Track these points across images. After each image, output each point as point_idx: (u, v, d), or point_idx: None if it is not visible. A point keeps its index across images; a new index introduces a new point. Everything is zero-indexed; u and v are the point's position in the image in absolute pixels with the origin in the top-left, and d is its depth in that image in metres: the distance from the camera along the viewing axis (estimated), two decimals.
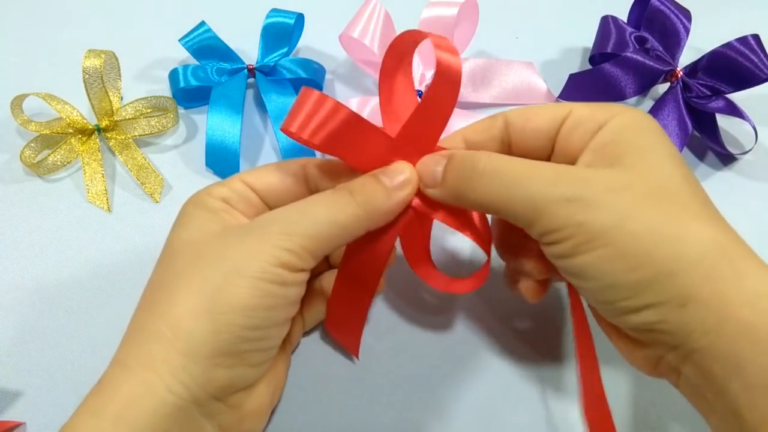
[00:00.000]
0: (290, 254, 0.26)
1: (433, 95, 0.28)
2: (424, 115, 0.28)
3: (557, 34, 0.51)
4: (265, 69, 0.44)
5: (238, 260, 0.25)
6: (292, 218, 0.26)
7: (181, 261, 0.26)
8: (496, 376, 0.34)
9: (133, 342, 0.25)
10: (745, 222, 0.41)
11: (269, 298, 0.26)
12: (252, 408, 0.28)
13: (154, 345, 0.24)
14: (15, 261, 0.37)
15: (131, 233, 0.39)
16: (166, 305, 0.25)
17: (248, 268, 0.25)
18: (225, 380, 0.25)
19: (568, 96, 0.46)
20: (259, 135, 0.44)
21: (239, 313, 0.25)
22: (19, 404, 0.33)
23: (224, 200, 0.29)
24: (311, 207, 0.27)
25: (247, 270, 0.25)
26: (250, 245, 0.26)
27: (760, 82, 0.41)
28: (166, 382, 0.24)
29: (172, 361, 0.24)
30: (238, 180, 0.30)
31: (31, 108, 0.42)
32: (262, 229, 0.26)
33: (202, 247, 0.27)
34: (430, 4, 0.43)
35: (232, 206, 0.29)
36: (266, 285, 0.25)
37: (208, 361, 0.24)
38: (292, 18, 0.44)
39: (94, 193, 0.40)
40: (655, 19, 0.45)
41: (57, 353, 0.34)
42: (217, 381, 0.25)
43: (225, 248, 0.26)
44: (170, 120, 0.42)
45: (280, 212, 0.27)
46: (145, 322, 0.25)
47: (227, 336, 0.25)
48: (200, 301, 0.25)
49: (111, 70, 0.43)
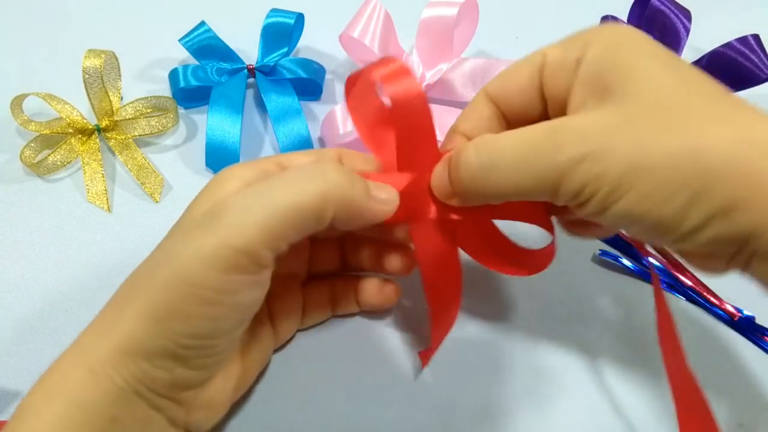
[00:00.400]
0: (240, 255, 0.23)
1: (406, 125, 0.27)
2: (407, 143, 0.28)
3: (557, 34, 0.51)
4: (265, 69, 0.44)
5: (180, 262, 0.23)
6: (246, 206, 0.23)
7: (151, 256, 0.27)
8: (497, 375, 0.34)
9: (92, 327, 0.26)
10: None
11: (212, 306, 0.23)
12: (203, 403, 0.27)
13: (98, 339, 0.25)
14: (15, 261, 0.37)
15: (131, 233, 0.39)
16: (126, 300, 0.25)
17: (189, 273, 0.23)
18: (164, 380, 0.25)
19: None
20: (259, 135, 0.44)
21: (178, 321, 0.23)
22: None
23: (246, 183, 0.26)
24: (270, 188, 0.24)
25: (187, 275, 0.23)
26: (194, 244, 0.23)
27: (760, 82, 0.41)
28: (108, 373, 0.24)
29: (108, 354, 0.24)
30: (274, 162, 0.28)
31: (31, 108, 0.42)
32: (210, 222, 0.23)
33: (163, 241, 0.27)
34: (430, 4, 0.43)
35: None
36: (208, 293, 0.23)
37: (145, 362, 0.24)
38: (292, 18, 0.44)
39: (94, 193, 0.40)
40: (655, 19, 0.45)
41: (57, 353, 0.34)
42: (157, 380, 0.25)
43: (174, 245, 0.25)
44: (170, 120, 0.42)
45: (234, 198, 0.24)
46: (102, 316, 0.26)
47: (164, 341, 0.24)
48: (144, 304, 0.24)
49: (111, 70, 0.43)
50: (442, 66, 0.44)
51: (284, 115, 0.41)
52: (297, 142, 0.41)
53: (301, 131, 0.41)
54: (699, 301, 0.37)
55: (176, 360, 0.25)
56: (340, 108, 0.41)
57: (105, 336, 0.25)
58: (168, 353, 0.24)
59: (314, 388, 0.34)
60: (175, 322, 0.23)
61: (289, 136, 0.41)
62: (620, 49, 0.24)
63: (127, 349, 0.24)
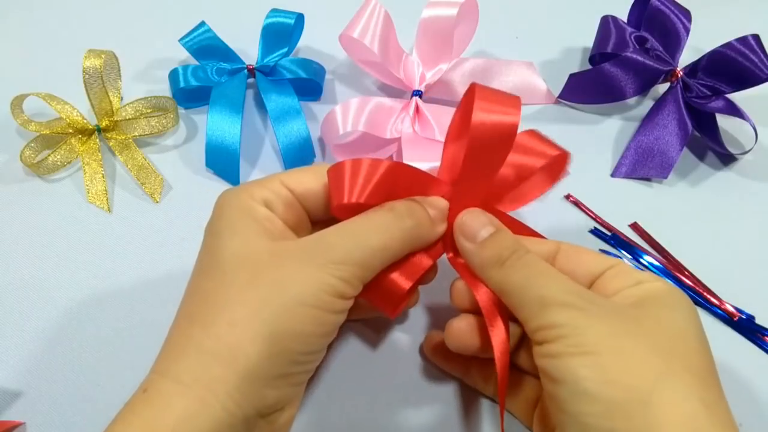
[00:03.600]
0: (345, 284, 0.26)
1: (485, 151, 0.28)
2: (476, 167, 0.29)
3: (557, 34, 0.51)
4: (265, 69, 0.44)
5: (297, 288, 0.26)
6: (348, 247, 0.27)
7: (233, 278, 0.26)
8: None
9: (184, 357, 0.25)
10: (745, 222, 0.41)
11: (325, 325, 0.27)
12: (284, 421, 0.28)
13: (212, 365, 0.24)
14: (15, 261, 0.37)
15: (131, 233, 0.39)
16: (224, 326, 0.25)
17: (308, 297, 0.26)
18: (273, 399, 0.26)
19: (568, 96, 0.46)
20: (259, 135, 0.44)
21: (297, 340, 0.26)
22: (19, 404, 0.33)
23: (266, 203, 0.29)
24: (364, 234, 0.28)
25: (306, 299, 0.26)
26: (309, 273, 0.26)
27: (760, 82, 0.41)
28: (221, 401, 0.24)
29: (230, 382, 0.24)
30: (278, 181, 0.30)
31: (31, 108, 0.42)
32: (319, 255, 0.27)
33: (254, 265, 0.27)
34: (430, 4, 0.43)
35: (274, 210, 0.29)
36: (323, 314, 0.26)
37: (263, 382, 0.25)
38: (292, 18, 0.44)
39: (94, 193, 0.40)
40: (655, 19, 0.45)
41: (57, 353, 0.34)
42: (266, 399, 0.26)
43: (282, 272, 0.26)
44: (170, 120, 0.42)
45: (335, 239, 0.28)
46: (200, 339, 0.25)
47: (283, 360, 0.26)
48: (260, 326, 0.25)
49: (111, 70, 0.43)
50: (442, 66, 0.44)
51: (284, 115, 0.41)
52: (297, 142, 0.41)
53: (301, 131, 0.41)
54: (699, 301, 0.37)
55: (285, 378, 0.26)
56: (340, 108, 0.41)
57: (223, 364, 0.24)
58: (282, 372, 0.26)
59: (315, 388, 0.34)
60: (293, 341, 0.26)
61: (289, 136, 0.41)
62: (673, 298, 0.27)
63: (252, 373, 0.25)
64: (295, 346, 0.26)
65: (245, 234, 0.27)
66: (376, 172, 0.28)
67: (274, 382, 0.26)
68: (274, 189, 0.29)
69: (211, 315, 0.26)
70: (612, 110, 0.46)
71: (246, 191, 0.29)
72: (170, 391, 0.24)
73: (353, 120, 0.40)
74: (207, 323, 0.25)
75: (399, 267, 0.29)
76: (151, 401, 0.24)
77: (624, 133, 0.45)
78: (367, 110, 0.41)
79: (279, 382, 0.26)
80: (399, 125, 0.42)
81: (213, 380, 0.24)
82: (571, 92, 0.46)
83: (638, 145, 0.43)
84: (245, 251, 0.27)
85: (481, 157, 0.29)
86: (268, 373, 0.25)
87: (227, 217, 0.28)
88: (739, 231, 0.41)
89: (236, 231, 0.28)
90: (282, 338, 0.25)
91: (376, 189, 0.28)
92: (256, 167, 0.42)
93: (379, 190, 0.28)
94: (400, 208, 0.28)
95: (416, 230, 0.28)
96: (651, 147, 0.43)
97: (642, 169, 0.43)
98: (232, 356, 0.24)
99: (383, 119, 0.42)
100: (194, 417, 0.24)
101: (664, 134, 0.43)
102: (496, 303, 0.29)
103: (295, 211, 0.30)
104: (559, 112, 0.46)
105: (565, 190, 0.42)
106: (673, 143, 0.43)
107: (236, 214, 0.28)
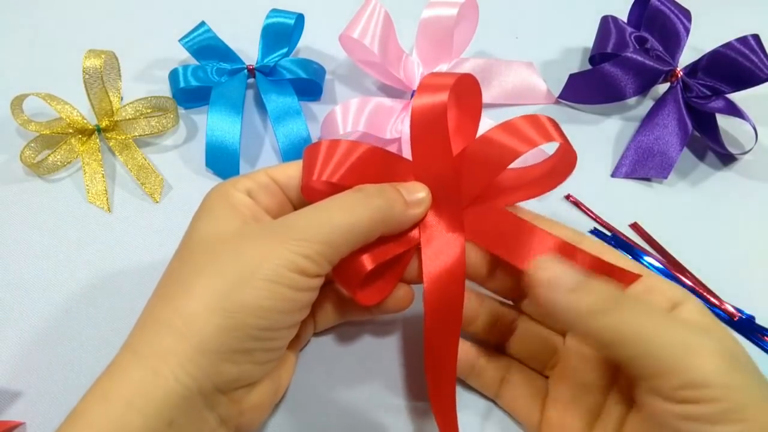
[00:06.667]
0: (307, 260, 0.26)
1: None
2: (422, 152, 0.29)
3: (557, 34, 0.51)
4: (265, 69, 0.44)
5: (255, 261, 0.26)
6: (312, 225, 0.27)
7: (199, 256, 0.27)
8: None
9: (145, 330, 0.26)
10: (745, 222, 0.41)
11: (282, 301, 0.26)
12: (253, 402, 0.28)
13: (166, 336, 0.25)
14: (15, 261, 0.38)
15: (131, 233, 0.39)
16: (182, 299, 0.26)
17: (264, 270, 0.26)
18: (231, 375, 0.26)
19: (568, 96, 0.46)
20: (259, 135, 0.44)
21: (252, 314, 0.25)
22: (19, 404, 0.33)
23: (248, 192, 0.29)
24: (330, 213, 0.27)
25: (263, 272, 0.25)
26: (268, 247, 0.26)
27: (760, 82, 0.41)
28: (174, 372, 0.24)
29: (183, 353, 0.24)
30: (263, 173, 0.30)
31: (31, 108, 0.42)
32: (281, 233, 0.27)
33: (219, 244, 0.27)
34: (430, 4, 0.43)
35: (255, 198, 0.29)
36: (281, 288, 0.26)
37: (217, 356, 0.25)
38: (292, 18, 0.44)
39: (94, 193, 0.40)
40: (655, 19, 0.45)
41: (57, 353, 0.34)
42: (223, 375, 0.25)
43: (242, 247, 0.26)
44: (170, 120, 0.42)
45: (299, 217, 0.28)
46: (159, 313, 0.26)
47: (238, 334, 0.25)
48: (215, 299, 0.25)
49: (111, 70, 0.43)
50: (442, 66, 0.44)
51: (284, 115, 0.41)
52: (297, 143, 0.41)
53: (300, 131, 0.41)
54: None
55: (243, 353, 0.26)
56: (340, 108, 0.41)
57: (176, 335, 0.25)
58: (238, 347, 0.25)
59: (315, 388, 0.34)
60: (250, 315, 0.25)
61: (288, 136, 0.41)
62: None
63: (205, 345, 0.25)
64: (252, 321, 0.25)
65: (217, 216, 0.28)
66: (352, 154, 0.28)
67: (232, 357, 0.25)
68: (257, 179, 0.30)
69: (172, 290, 0.26)
70: (612, 110, 0.46)
71: (231, 181, 0.30)
72: (127, 362, 0.25)
73: (353, 120, 0.40)
74: (167, 297, 0.26)
75: (368, 249, 0.29)
76: (110, 374, 0.25)
77: (624, 133, 0.45)
78: (367, 110, 0.41)
79: (238, 357, 0.26)
80: (399, 125, 0.42)
81: (166, 351, 0.24)
82: (571, 92, 0.46)
83: (638, 145, 0.43)
84: (213, 231, 0.28)
85: (424, 141, 0.29)
86: (225, 347, 0.25)
87: (207, 205, 0.29)
88: (739, 231, 0.41)
89: (210, 214, 0.28)
90: (238, 311, 0.25)
91: (351, 171, 0.28)
92: (256, 167, 0.42)
93: (354, 172, 0.28)
94: (369, 188, 0.28)
95: (386, 211, 0.28)
96: (651, 147, 0.43)
97: (642, 169, 0.43)
98: (186, 328, 0.25)
99: (383, 119, 0.42)
100: (148, 387, 0.24)
101: (664, 134, 0.43)
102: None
103: (278, 199, 0.30)
104: (559, 112, 0.46)
105: (565, 190, 0.42)
106: (673, 143, 0.43)
107: (215, 201, 0.29)
